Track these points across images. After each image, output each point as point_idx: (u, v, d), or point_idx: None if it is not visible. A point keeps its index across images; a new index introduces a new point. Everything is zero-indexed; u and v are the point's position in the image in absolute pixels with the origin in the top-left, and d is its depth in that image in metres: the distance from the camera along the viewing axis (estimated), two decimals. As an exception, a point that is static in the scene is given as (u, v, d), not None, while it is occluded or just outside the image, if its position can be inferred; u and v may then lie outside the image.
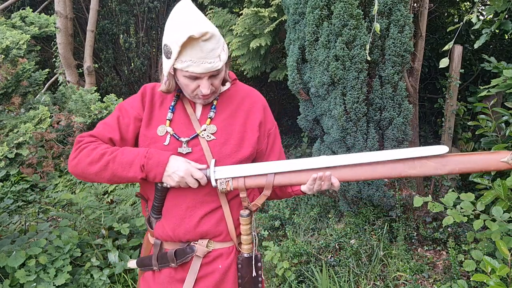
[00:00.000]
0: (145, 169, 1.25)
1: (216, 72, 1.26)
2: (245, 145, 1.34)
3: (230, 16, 4.98)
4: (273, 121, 1.47)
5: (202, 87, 1.26)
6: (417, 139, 3.56)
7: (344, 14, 2.85)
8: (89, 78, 5.21)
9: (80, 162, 1.28)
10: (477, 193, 3.11)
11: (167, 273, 1.36)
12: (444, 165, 1.16)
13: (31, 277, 2.62)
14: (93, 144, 1.30)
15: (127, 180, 1.28)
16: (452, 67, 3.78)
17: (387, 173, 1.21)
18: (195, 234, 1.33)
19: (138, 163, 1.25)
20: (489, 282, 1.92)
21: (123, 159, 1.26)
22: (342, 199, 3.49)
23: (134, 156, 1.26)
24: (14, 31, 2.40)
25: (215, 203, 1.32)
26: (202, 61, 1.20)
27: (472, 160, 1.16)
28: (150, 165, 1.24)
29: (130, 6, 5.69)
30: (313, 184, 1.27)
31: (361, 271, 2.93)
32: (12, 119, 2.39)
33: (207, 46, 1.20)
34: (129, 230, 3.18)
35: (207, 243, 1.34)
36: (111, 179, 1.28)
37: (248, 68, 4.85)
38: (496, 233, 2.17)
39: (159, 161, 1.25)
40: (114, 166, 1.25)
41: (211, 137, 1.33)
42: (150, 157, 1.25)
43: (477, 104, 3.55)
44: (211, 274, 1.33)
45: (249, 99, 1.42)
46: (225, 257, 1.35)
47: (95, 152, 1.27)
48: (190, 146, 1.32)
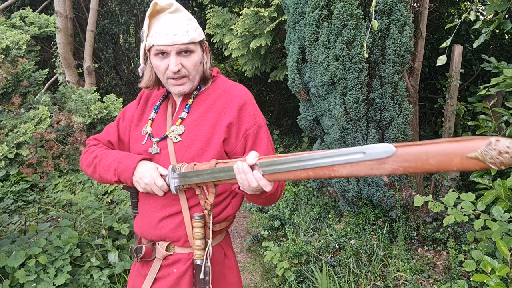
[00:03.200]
0: (117, 173, 1.30)
1: (184, 48, 1.24)
2: (210, 148, 1.27)
3: (230, 16, 4.98)
4: (254, 120, 1.31)
5: (170, 63, 1.24)
6: (417, 139, 3.56)
7: (344, 14, 2.85)
8: (89, 78, 5.21)
9: (82, 164, 1.43)
10: (477, 193, 3.12)
11: (137, 267, 1.43)
12: (382, 164, 0.83)
13: (31, 277, 2.62)
14: (92, 148, 1.43)
15: (109, 182, 1.35)
16: (452, 67, 3.77)
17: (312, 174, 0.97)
18: (154, 235, 1.33)
19: (112, 167, 1.31)
20: (489, 282, 1.92)
21: (105, 162, 1.34)
22: (342, 199, 3.49)
23: (112, 160, 1.33)
24: (14, 31, 2.40)
25: (176, 207, 1.30)
26: (167, 32, 1.22)
27: (423, 155, 0.77)
28: (120, 169, 1.29)
29: (130, 6, 5.69)
30: (239, 178, 1.08)
31: (361, 271, 2.93)
32: (12, 119, 2.39)
33: (173, 18, 1.24)
34: (129, 230, 3.18)
35: (168, 246, 1.32)
36: (101, 181, 1.38)
37: (248, 69, 4.86)
38: (496, 233, 2.17)
39: (127, 166, 1.28)
40: (99, 169, 1.35)
41: (177, 139, 1.30)
42: (121, 161, 1.30)
43: (477, 104, 3.55)
44: (167, 276, 1.32)
45: (225, 97, 1.32)
46: (182, 262, 1.31)
47: (91, 155, 1.40)
48: (159, 147, 1.32)
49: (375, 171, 0.85)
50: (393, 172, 0.82)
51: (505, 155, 0.67)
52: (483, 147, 0.69)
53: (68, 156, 2.79)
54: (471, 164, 0.72)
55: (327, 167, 0.91)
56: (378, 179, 3.12)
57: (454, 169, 0.75)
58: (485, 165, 0.70)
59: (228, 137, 1.28)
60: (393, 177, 3.16)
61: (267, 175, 1.03)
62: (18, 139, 2.20)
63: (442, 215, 3.20)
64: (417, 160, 0.78)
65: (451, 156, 0.74)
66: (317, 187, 3.92)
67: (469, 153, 0.71)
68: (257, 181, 1.03)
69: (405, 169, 0.80)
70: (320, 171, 0.93)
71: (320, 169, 0.93)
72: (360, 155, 0.86)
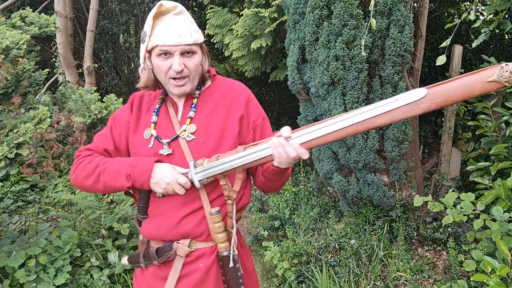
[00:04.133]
0: (132, 178, 1.26)
1: (188, 48, 1.27)
2: (225, 142, 1.32)
3: (230, 16, 4.98)
4: (259, 112, 1.41)
5: (174, 63, 1.26)
6: (417, 139, 3.56)
7: (344, 14, 2.85)
8: (89, 78, 5.20)
9: (78, 176, 1.35)
10: (477, 193, 3.12)
11: (152, 270, 1.39)
12: (417, 105, 0.98)
13: (31, 277, 2.62)
14: (88, 158, 1.37)
15: (117, 189, 1.31)
16: (452, 67, 3.77)
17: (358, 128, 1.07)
18: (176, 234, 1.34)
19: (124, 172, 1.27)
20: (489, 282, 1.92)
21: (111, 169, 1.30)
22: (342, 199, 3.49)
23: (121, 165, 1.29)
24: (14, 31, 2.40)
25: (197, 203, 1.32)
26: (172, 33, 1.25)
27: (451, 89, 0.95)
28: (136, 174, 1.26)
29: (130, 6, 5.69)
30: (276, 152, 1.16)
31: (361, 271, 2.93)
32: (12, 119, 2.39)
33: (177, 20, 1.26)
34: (129, 230, 3.18)
35: (189, 242, 1.34)
36: (105, 190, 1.32)
37: (249, 69, 4.86)
38: (496, 233, 2.17)
39: (144, 169, 1.25)
40: (104, 177, 1.30)
41: (191, 137, 1.32)
42: (135, 165, 1.27)
43: (477, 104, 3.55)
44: (193, 273, 1.34)
45: (231, 93, 1.39)
46: (207, 256, 1.34)
47: (89, 165, 1.33)
48: (171, 147, 1.33)
49: (410, 113, 1.00)
50: (427, 109, 0.98)
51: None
52: (498, 71, 0.90)
53: (68, 156, 2.79)
54: (490, 87, 0.91)
55: (365, 121, 1.04)
56: (378, 179, 3.12)
57: (477, 94, 0.94)
58: (501, 85, 0.90)
59: (240, 129, 1.35)
60: (393, 177, 3.16)
61: (304, 144, 1.12)
62: (18, 139, 2.20)
63: (442, 215, 3.20)
64: (447, 95, 0.95)
65: (474, 84, 0.93)
66: (317, 187, 3.92)
67: (488, 78, 0.91)
68: (296, 150, 1.12)
69: (437, 104, 0.97)
70: (358, 126, 1.05)
71: (358, 125, 1.04)
72: (395, 104, 1.00)
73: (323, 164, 3.41)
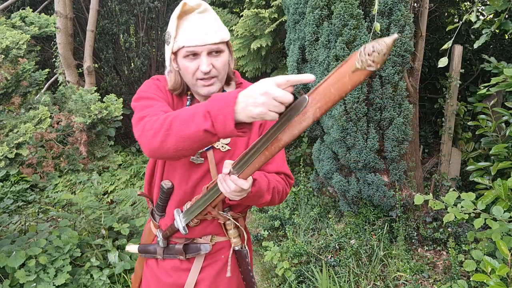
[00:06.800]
0: (212, 115, 0.96)
1: (215, 48, 1.22)
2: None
3: (230, 16, 4.99)
4: None
5: (201, 63, 1.21)
6: (417, 139, 3.56)
7: (345, 14, 2.85)
8: (89, 78, 5.20)
9: (146, 136, 1.09)
10: (478, 193, 3.12)
11: (173, 262, 1.42)
12: (305, 114, 0.89)
13: (31, 277, 2.62)
14: (154, 117, 1.12)
15: (191, 140, 1.01)
16: (452, 67, 3.77)
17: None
18: (196, 233, 1.38)
19: (201, 111, 0.98)
20: (489, 282, 1.92)
21: (184, 114, 1.03)
22: (342, 199, 3.49)
23: (196, 107, 1.02)
24: (14, 31, 2.40)
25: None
26: (198, 33, 1.19)
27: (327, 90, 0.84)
28: (216, 108, 0.95)
29: (130, 6, 5.68)
30: (222, 189, 1.14)
31: (361, 271, 2.93)
32: (12, 119, 2.39)
33: (203, 19, 1.21)
34: (129, 230, 3.18)
35: (211, 237, 1.40)
36: (177, 143, 1.03)
37: (249, 69, 4.86)
38: (496, 233, 2.17)
39: (227, 100, 0.94)
40: (176, 126, 1.03)
41: (225, 148, 1.31)
42: (214, 101, 0.97)
43: (477, 104, 3.55)
44: (214, 263, 1.41)
45: None
46: (226, 248, 1.42)
47: (156, 122, 1.08)
48: (202, 157, 1.30)
49: (304, 124, 0.90)
50: (315, 116, 0.88)
51: (374, 54, 0.75)
52: (357, 57, 0.77)
53: (68, 156, 2.79)
54: (358, 76, 0.79)
55: (273, 141, 0.97)
56: (379, 179, 3.12)
57: (350, 88, 0.82)
58: (366, 71, 0.78)
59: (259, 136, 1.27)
60: (393, 177, 3.16)
61: (240, 174, 1.08)
62: (18, 139, 2.20)
63: (442, 215, 3.20)
64: (324, 96, 0.85)
65: (342, 78, 0.81)
66: (317, 187, 3.92)
67: (352, 68, 0.79)
68: (234, 182, 1.08)
69: (320, 108, 0.87)
70: (271, 147, 0.98)
71: (270, 145, 0.98)
72: (287, 116, 0.91)
73: (323, 164, 3.41)
